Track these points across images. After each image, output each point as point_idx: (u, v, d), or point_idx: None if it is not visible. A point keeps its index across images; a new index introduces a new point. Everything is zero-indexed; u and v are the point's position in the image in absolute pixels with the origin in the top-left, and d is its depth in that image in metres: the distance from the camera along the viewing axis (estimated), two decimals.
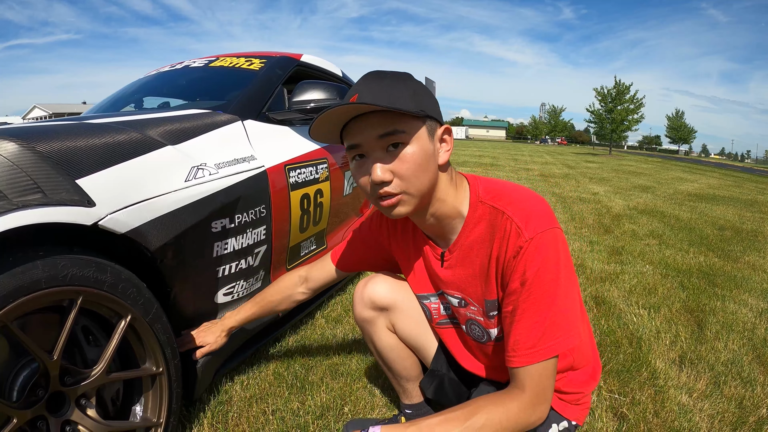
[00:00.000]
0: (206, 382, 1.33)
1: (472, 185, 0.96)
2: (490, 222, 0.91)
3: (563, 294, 0.86)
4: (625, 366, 1.77)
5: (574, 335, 0.86)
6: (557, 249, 0.86)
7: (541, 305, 0.85)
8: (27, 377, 0.88)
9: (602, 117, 33.02)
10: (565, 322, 0.85)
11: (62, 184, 0.89)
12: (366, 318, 1.22)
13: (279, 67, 2.01)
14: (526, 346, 0.85)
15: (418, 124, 0.85)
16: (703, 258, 3.60)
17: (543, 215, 0.87)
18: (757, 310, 2.52)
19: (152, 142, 1.17)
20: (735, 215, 6.08)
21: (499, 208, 0.90)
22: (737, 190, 10.37)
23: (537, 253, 0.84)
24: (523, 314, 0.86)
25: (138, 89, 2.30)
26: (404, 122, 0.83)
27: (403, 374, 1.28)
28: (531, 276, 0.84)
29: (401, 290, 1.19)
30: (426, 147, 0.86)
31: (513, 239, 0.86)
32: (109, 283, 0.96)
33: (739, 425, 1.46)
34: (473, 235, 0.95)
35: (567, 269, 0.87)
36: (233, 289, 1.43)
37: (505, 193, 0.93)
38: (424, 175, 0.86)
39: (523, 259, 0.85)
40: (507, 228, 0.88)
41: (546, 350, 0.85)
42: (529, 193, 0.93)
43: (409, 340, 1.22)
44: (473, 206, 0.94)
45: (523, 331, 0.86)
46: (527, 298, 0.85)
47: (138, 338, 1.06)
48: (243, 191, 1.38)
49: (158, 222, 1.08)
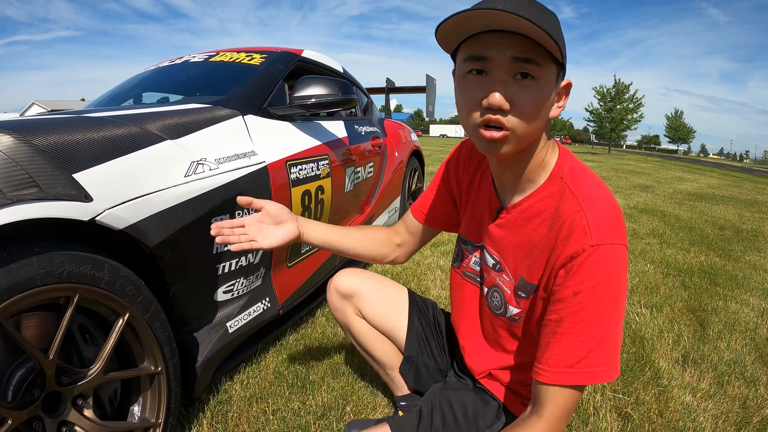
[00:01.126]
0: (205, 381, 1.31)
1: (561, 157, 0.88)
2: (559, 202, 0.83)
3: (617, 320, 0.78)
4: (629, 365, 1.76)
5: (615, 369, 0.78)
6: (622, 269, 0.77)
7: (593, 324, 0.76)
8: (22, 377, 0.86)
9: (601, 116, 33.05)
10: (612, 351, 0.77)
11: (59, 179, 0.87)
12: (336, 307, 1.30)
13: (280, 62, 1.99)
14: (564, 364, 0.78)
15: (553, 67, 0.75)
16: (704, 257, 3.59)
17: (618, 226, 0.79)
18: (759, 309, 2.51)
19: (151, 136, 1.15)
20: (735, 215, 6.08)
21: (576, 194, 0.81)
22: (736, 189, 10.38)
23: (600, 265, 0.76)
24: (571, 328, 0.77)
25: (137, 84, 2.27)
26: (544, 57, 0.73)
27: (384, 360, 1.30)
28: (588, 288, 0.76)
29: (364, 278, 1.28)
30: (551, 92, 0.77)
31: (578, 237, 0.78)
32: (107, 281, 0.94)
33: (743, 425, 1.45)
34: (537, 206, 0.87)
35: (624, 295, 0.79)
36: (233, 286, 1.41)
37: (589, 183, 0.84)
38: (539, 121, 0.78)
39: (583, 267, 0.76)
40: (576, 221, 0.79)
41: (584, 375, 0.77)
42: (612, 198, 0.83)
43: (378, 324, 1.27)
44: (552, 178, 0.86)
45: (565, 347, 0.78)
46: (578, 311, 0.77)
47: (136, 337, 1.04)
48: (243, 187, 1.36)
49: (157, 218, 1.06)
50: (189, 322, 1.29)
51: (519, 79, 0.74)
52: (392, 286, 1.32)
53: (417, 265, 2.92)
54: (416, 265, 2.92)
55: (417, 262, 2.97)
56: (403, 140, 3.33)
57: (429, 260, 3.04)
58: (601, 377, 0.77)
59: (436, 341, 1.26)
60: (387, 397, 1.50)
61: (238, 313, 1.44)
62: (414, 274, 2.75)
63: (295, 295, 1.81)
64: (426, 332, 1.26)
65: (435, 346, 1.25)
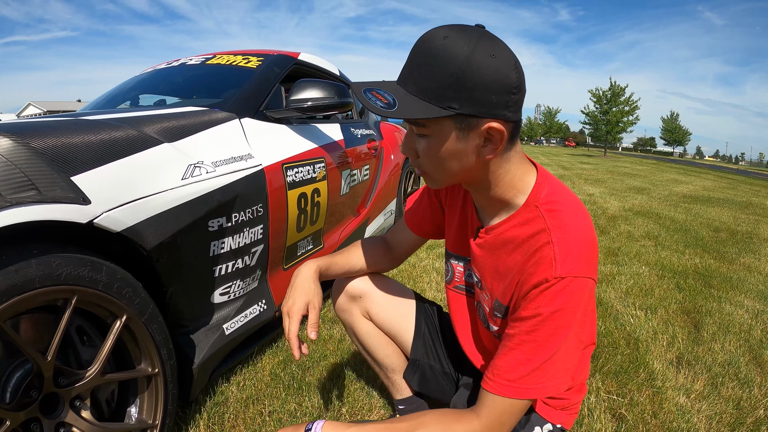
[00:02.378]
0: (202, 382, 1.32)
1: (538, 183, 0.87)
2: (533, 231, 0.84)
3: (568, 345, 0.81)
4: (623, 367, 1.77)
5: (557, 386, 0.82)
6: (580, 300, 0.79)
7: (540, 347, 0.80)
8: (20, 378, 0.86)
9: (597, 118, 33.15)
10: (555, 372, 0.81)
11: (57, 181, 0.88)
12: (343, 308, 1.28)
13: (276, 65, 2.00)
14: (506, 377, 0.82)
15: (442, 120, 0.76)
16: (699, 259, 3.61)
17: (585, 259, 0.80)
18: (753, 311, 2.52)
19: (149, 139, 1.16)
20: (730, 217, 6.11)
21: (548, 224, 0.82)
22: (732, 192, 10.43)
23: (560, 295, 0.78)
24: (519, 346, 0.82)
25: (134, 87, 2.28)
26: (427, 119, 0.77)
27: (386, 363, 1.30)
28: (544, 314, 0.79)
29: (373, 280, 1.27)
30: (450, 145, 0.78)
31: (544, 267, 0.80)
32: (105, 283, 0.94)
33: (737, 426, 1.46)
34: (511, 232, 0.88)
35: (581, 323, 0.81)
36: (230, 288, 1.42)
37: (563, 211, 0.84)
38: (445, 169, 0.83)
39: (543, 294, 0.79)
40: (544, 251, 0.81)
41: (523, 390, 0.81)
42: (586, 227, 0.84)
43: (385, 326, 1.27)
44: (527, 204, 0.86)
45: (510, 362, 0.82)
46: (531, 332, 0.80)
47: (133, 339, 1.04)
48: (240, 190, 1.37)
49: (154, 220, 1.07)
50: (186, 324, 1.29)
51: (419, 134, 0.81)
52: (400, 288, 1.31)
53: (413, 267, 2.93)
54: (412, 267, 2.93)
55: (413, 265, 2.98)
56: (399, 143, 3.34)
57: (425, 263, 3.05)
58: (540, 393, 0.81)
59: (441, 344, 1.26)
60: (383, 398, 1.50)
61: (235, 315, 1.45)
62: (410, 276, 2.75)
63: None
64: (432, 336, 1.26)
65: (441, 350, 1.26)
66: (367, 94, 0.78)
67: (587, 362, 1.07)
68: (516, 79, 0.74)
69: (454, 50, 0.72)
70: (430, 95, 0.74)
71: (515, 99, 0.75)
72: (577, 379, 1.03)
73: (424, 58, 0.75)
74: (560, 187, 0.89)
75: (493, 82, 0.72)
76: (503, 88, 0.73)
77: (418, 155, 0.83)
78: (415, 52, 0.77)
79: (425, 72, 0.75)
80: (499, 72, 0.73)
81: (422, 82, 0.75)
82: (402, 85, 0.78)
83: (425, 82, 0.75)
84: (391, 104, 0.76)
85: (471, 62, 0.71)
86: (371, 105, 0.77)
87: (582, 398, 1.07)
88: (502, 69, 0.73)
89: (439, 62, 0.73)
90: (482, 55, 0.72)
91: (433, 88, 0.74)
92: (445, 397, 1.25)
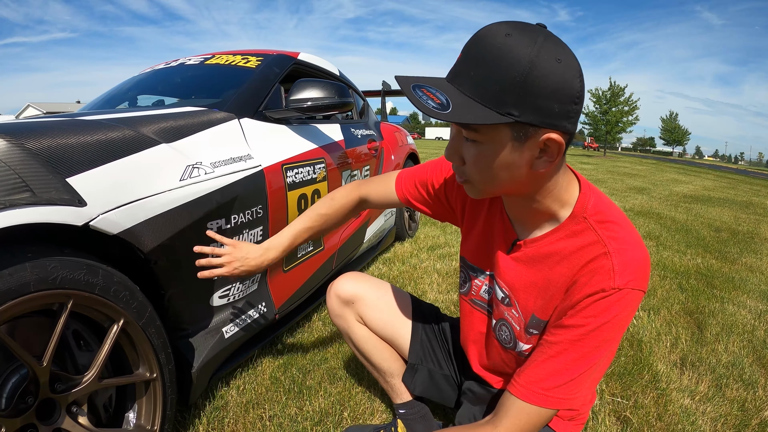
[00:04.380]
0: (201, 387, 1.30)
1: (583, 194, 0.83)
2: (584, 246, 0.80)
3: (605, 358, 0.79)
4: (627, 369, 1.75)
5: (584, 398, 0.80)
6: (631, 314, 0.77)
7: (582, 358, 0.77)
8: (15, 384, 0.85)
9: (597, 119, 33.15)
10: (588, 384, 0.79)
11: (52, 183, 0.86)
12: (337, 313, 1.28)
13: (276, 65, 1.98)
14: (541, 386, 0.79)
15: (499, 127, 0.70)
16: (701, 259, 3.59)
17: (642, 272, 0.77)
18: (756, 311, 2.51)
19: (146, 139, 1.14)
20: (731, 217, 6.10)
21: (601, 236, 0.79)
22: (732, 191, 10.42)
23: (614, 306, 0.75)
24: (560, 354, 0.79)
25: (132, 87, 2.26)
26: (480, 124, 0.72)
27: (384, 367, 1.28)
28: (594, 325, 0.76)
29: (366, 284, 1.27)
30: (504, 155, 0.73)
31: (601, 277, 0.76)
32: (101, 286, 0.92)
33: (742, 428, 1.45)
34: (558, 245, 0.83)
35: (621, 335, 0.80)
36: (229, 291, 1.40)
37: (616, 223, 0.80)
38: (495, 179, 0.77)
39: (597, 304, 0.76)
40: (600, 261, 0.77)
41: (555, 400, 0.79)
42: (638, 239, 0.80)
43: (380, 330, 1.26)
44: (574, 217, 0.82)
45: (548, 369, 0.79)
46: (576, 342, 0.77)
47: (131, 343, 1.03)
48: (239, 191, 1.35)
49: (152, 222, 1.05)
50: (184, 328, 1.27)
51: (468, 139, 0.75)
52: (394, 291, 1.30)
53: (414, 268, 2.92)
54: (413, 269, 2.92)
55: (414, 266, 2.96)
56: (399, 143, 3.33)
57: (425, 264, 3.03)
58: (568, 404, 0.79)
59: (440, 348, 1.25)
60: (385, 402, 1.49)
61: (234, 318, 1.43)
62: (411, 277, 2.74)
63: (292, 300, 1.79)
64: (430, 339, 1.25)
65: (440, 353, 1.24)
66: (417, 91, 0.71)
67: None
68: (580, 88, 0.68)
69: (518, 51, 0.66)
70: (488, 99, 0.68)
71: (576, 110, 0.70)
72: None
73: (484, 57, 0.68)
74: (605, 199, 0.86)
75: (558, 91, 0.67)
76: (567, 97, 0.68)
77: (464, 162, 0.77)
78: (472, 47, 0.70)
79: (485, 72, 0.68)
80: (564, 79, 0.67)
81: (481, 83, 0.68)
82: (454, 83, 0.71)
83: (484, 83, 0.68)
84: (444, 105, 0.69)
85: (536, 66, 0.65)
86: (422, 104, 0.69)
87: (590, 407, 1.05)
88: (568, 76, 0.67)
89: (500, 63, 0.66)
90: (548, 59, 0.66)
91: (493, 91, 0.67)
92: (447, 400, 1.23)
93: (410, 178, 1.16)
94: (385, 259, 3.10)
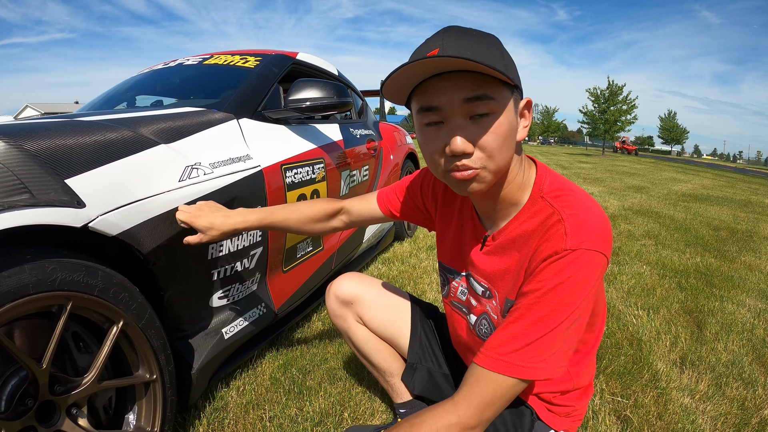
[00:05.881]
0: (201, 388, 1.30)
1: (539, 175, 0.86)
2: (543, 220, 0.81)
3: (569, 324, 0.75)
4: (627, 368, 1.75)
5: (550, 369, 0.75)
6: (590, 275, 0.74)
7: (541, 321, 0.75)
8: (15, 386, 0.84)
9: (595, 117, 33.17)
10: (550, 352, 0.75)
11: (51, 184, 0.86)
12: (336, 314, 1.29)
13: (275, 65, 1.98)
14: (497, 351, 0.77)
15: (507, 93, 0.74)
16: (700, 258, 3.60)
17: (597, 233, 0.76)
18: (756, 310, 2.51)
19: (145, 140, 1.14)
20: (729, 215, 6.10)
21: (556, 208, 0.80)
22: (730, 190, 10.43)
23: (568, 267, 0.74)
24: (517, 320, 0.77)
25: (131, 87, 2.26)
26: (495, 88, 0.72)
27: (384, 367, 1.29)
28: (549, 287, 0.75)
29: (365, 284, 1.28)
30: (512, 120, 0.76)
31: (554, 241, 0.77)
32: (100, 288, 0.92)
33: (742, 427, 1.45)
34: (522, 228, 0.85)
35: (587, 303, 0.76)
36: (228, 292, 1.40)
37: (570, 195, 0.82)
38: (508, 152, 0.77)
39: (551, 266, 0.75)
40: (554, 228, 0.78)
41: (512, 367, 0.75)
42: (594, 205, 0.81)
43: (380, 330, 1.26)
44: (533, 198, 0.85)
45: (505, 335, 0.77)
46: (532, 305, 0.76)
47: (130, 344, 1.02)
48: (239, 191, 1.35)
49: (151, 223, 1.05)
50: (184, 329, 1.27)
51: (477, 119, 0.73)
52: (393, 291, 1.30)
53: (413, 269, 2.92)
54: (412, 268, 2.91)
55: (413, 266, 2.96)
56: (398, 143, 3.33)
57: (425, 263, 3.03)
58: (531, 373, 0.75)
59: (439, 346, 1.25)
60: (385, 403, 1.48)
61: (234, 318, 1.43)
62: (410, 277, 2.74)
63: (291, 300, 1.79)
64: (430, 338, 1.25)
65: (439, 352, 1.24)
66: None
67: (593, 363, 1.04)
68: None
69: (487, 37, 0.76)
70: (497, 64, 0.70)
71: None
72: (581, 382, 1.00)
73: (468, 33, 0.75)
74: (560, 178, 0.88)
75: (515, 64, 0.79)
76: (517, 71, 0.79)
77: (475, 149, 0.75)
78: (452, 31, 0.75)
79: (478, 41, 0.73)
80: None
81: (480, 51, 0.71)
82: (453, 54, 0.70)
83: (484, 49, 0.72)
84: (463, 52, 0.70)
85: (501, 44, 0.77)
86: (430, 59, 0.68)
87: (587, 403, 1.05)
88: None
89: (483, 36, 0.75)
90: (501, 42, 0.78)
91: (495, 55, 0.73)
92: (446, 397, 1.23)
93: (390, 191, 1.23)
94: (385, 259, 3.10)
